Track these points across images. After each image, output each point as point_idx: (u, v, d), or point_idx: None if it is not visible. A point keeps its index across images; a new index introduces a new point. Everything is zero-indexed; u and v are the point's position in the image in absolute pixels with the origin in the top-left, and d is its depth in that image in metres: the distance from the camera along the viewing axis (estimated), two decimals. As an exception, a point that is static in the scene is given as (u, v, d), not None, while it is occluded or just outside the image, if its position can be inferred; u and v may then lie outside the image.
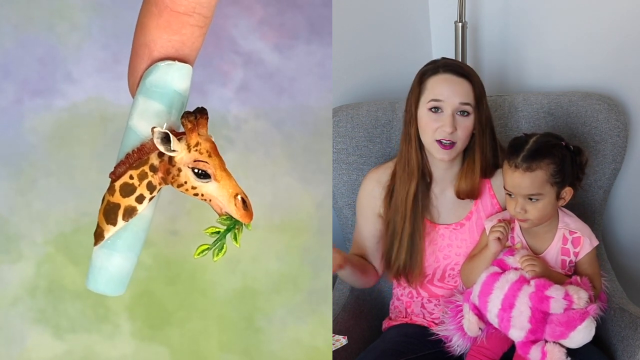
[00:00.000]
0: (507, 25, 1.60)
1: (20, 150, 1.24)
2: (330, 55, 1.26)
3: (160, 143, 0.71)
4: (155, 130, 0.71)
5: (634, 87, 1.51)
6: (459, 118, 1.25)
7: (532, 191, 1.20)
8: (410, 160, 1.31)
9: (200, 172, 0.72)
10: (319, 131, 1.27)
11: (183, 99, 0.76)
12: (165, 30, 0.74)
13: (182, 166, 0.72)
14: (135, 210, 0.74)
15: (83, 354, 1.25)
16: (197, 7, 0.74)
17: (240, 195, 0.72)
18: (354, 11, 1.54)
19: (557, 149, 1.21)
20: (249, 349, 1.26)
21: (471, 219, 1.33)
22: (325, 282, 1.27)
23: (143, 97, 0.74)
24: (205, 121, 0.73)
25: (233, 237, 0.75)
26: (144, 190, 0.73)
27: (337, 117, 1.46)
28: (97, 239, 0.74)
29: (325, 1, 1.25)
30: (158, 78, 0.74)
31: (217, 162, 0.72)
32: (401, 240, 1.32)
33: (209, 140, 0.73)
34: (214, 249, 0.75)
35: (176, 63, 0.75)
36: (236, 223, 0.74)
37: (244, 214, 0.73)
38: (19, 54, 1.22)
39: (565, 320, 1.18)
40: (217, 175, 0.72)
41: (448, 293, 1.34)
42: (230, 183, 0.72)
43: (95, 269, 0.75)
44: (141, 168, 0.73)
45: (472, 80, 1.26)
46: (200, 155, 0.72)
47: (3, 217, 1.24)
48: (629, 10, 1.47)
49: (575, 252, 1.25)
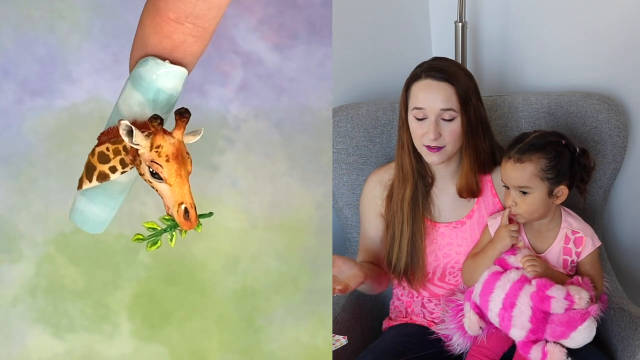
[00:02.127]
0: (507, 25, 1.60)
1: (20, 150, 1.24)
2: (330, 55, 1.26)
3: (124, 135, 0.75)
4: (121, 122, 0.75)
5: (634, 87, 1.51)
6: (443, 123, 1.24)
7: (521, 183, 1.21)
8: (404, 165, 1.31)
9: (154, 172, 0.75)
10: (318, 131, 1.27)
11: (169, 98, 0.78)
12: (157, 32, 0.75)
13: (143, 161, 0.76)
14: (107, 176, 0.79)
15: (83, 353, 1.25)
16: (190, 17, 0.74)
17: (185, 205, 0.76)
18: (354, 11, 1.54)
19: (553, 145, 1.22)
20: (249, 348, 1.26)
21: (472, 217, 1.33)
22: (325, 282, 1.27)
23: (130, 84, 0.77)
24: (182, 123, 0.75)
25: (169, 239, 0.79)
26: (116, 163, 0.79)
27: (337, 117, 1.46)
28: (79, 184, 0.82)
29: (325, 1, 1.25)
30: (145, 72, 0.76)
31: (174, 169, 0.75)
32: (400, 244, 1.32)
33: (175, 145, 0.75)
34: (148, 241, 0.79)
35: (164, 63, 0.76)
36: (175, 226, 0.79)
37: (183, 222, 0.76)
38: (19, 54, 1.23)
39: (566, 320, 1.18)
40: (169, 180, 0.75)
41: (448, 292, 1.34)
42: (180, 191, 0.75)
43: (76, 210, 0.82)
44: (116, 145, 0.78)
45: (454, 83, 1.24)
46: (158, 158, 0.75)
47: (3, 217, 1.24)
48: (629, 11, 1.47)
49: (577, 252, 1.25)
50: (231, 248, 1.27)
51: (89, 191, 0.81)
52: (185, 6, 0.73)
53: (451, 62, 1.30)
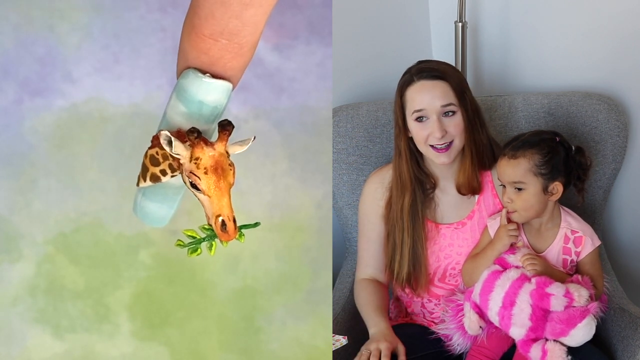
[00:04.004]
0: (507, 25, 1.60)
1: (20, 150, 1.24)
2: (330, 55, 1.26)
3: (165, 144, 0.76)
4: (161, 132, 0.76)
5: (634, 87, 1.51)
6: (445, 120, 1.25)
7: (515, 178, 1.22)
8: (402, 173, 1.31)
9: (192, 183, 0.77)
10: (318, 131, 1.27)
11: (213, 110, 0.79)
12: (194, 47, 0.76)
13: (184, 171, 0.77)
14: (159, 178, 0.81)
15: (83, 353, 1.25)
16: (225, 35, 0.74)
17: (223, 217, 0.76)
18: (354, 11, 1.54)
19: (546, 142, 1.23)
20: (249, 348, 1.26)
21: (473, 218, 1.33)
22: (325, 282, 1.27)
23: (175, 95, 0.79)
24: (224, 135, 0.76)
25: (208, 247, 0.81)
26: (166, 167, 0.80)
27: (337, 117, 1.46)
28: (137, 181, 0.84)
29: (325, 1, 1.25)
30: (187, 84, 0.77)
31: (212, 180, 0.76)
32: (402, 252, 1.32)
33: (214, 157, 0.76)
34: (189, 248, 0.81)
35: (204, 77, 0.77)
36: (214, 236, 0.80)
37: (220, 234, 0.77)
38: (19, 54, 1.23)
39: (566, 318, 1.18)
40: (207, 192, 0.76)
41: (448, 293, 1.34)
42: (219, 203, 0.76)
43: (137, 204, 0.85)
44: (164, 150, 0.79)
45: (448, 79, 1.25)
46: (196, 170, 0.76)
47: (3, 217, 1.24)
48: (628, 10, 1.47)
49: (577, 251, 1.26)
50: (231, 248, 1.26)
51: (147, 189, 0.84)
52: (218, 24, 0.74)
53: (437, 62, 1.31)
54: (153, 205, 0.84)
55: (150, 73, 1.24)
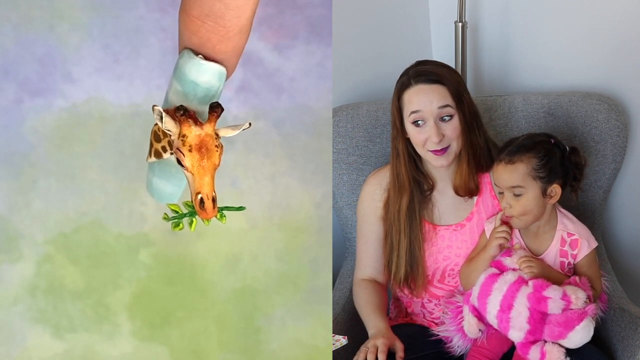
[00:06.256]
0: (507, 25, 1.60)
1: (20, 150, 1.24)
2: (330, 55, 1.26)
3: (157, 119, 0.77)
4: (154, 107, 0.77)
5: (634, 87, 1.51)
6: (442, 124, 1.25)
7: (513, 183, 1.21)
8: (400, 174, 1.31)
9: (178, 159, 0.78)
10: (318, 131, 1.27)
11: (206, 91, 0.79)
12: (186, 28, 0.78)
13: (173, 147, 0.79)
14: (160, 154, 0.82)
15: (83, 353, 1.25)
16: (211, 16, 0.76)
17: (202, 195, 0.77)
18: (354, 11, 1.54)
19: (542, 144, 1.23)
20: (249, 348, 1.26)
21: (472, 220, 1.33)
22: (325, 281, 1.27)
23: (174, 74, 0.80)
24: (212, 117, 0.77)
25: (189, 223, 0.82)
26: (165, 144, 0.81)
27: (337, 117, 1.46)
28: (147, 156, 0.85)
29: (325, 1, 1.25)
30: (182, 64, 0.79)
31: (195, 159, 0.77)
32: (399, 253, 1.32)
33: (200, 137, 0.77)
34: (172, 222, 0.83)
35: (195, 58, 0.78)
36: (195, 214, 0.81)
37: (199, 211, 0.78)
38: (19, 54, 1.23)
39: (564, 321, 1.18)
40: (190, 169, 0.77)
41: (448, 294, 1.34)
42: (200, 181, 0.77)
43: (147, 180, 0.87)
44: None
45: (445, 82, 1.25)
46: (182, 147, 0.77)
47: (3, 217, 1.24)
48: (628, 11, 1.47)
49: (573, 254, 1.25)
50: (231, 248, 1.27)
51: (154, 166, 0.85)
52: (204, 5, 0.76)
53: (435, 63, 1.31)
54: (159, 182, 0.86)
55: (150, 73, 1.24)
